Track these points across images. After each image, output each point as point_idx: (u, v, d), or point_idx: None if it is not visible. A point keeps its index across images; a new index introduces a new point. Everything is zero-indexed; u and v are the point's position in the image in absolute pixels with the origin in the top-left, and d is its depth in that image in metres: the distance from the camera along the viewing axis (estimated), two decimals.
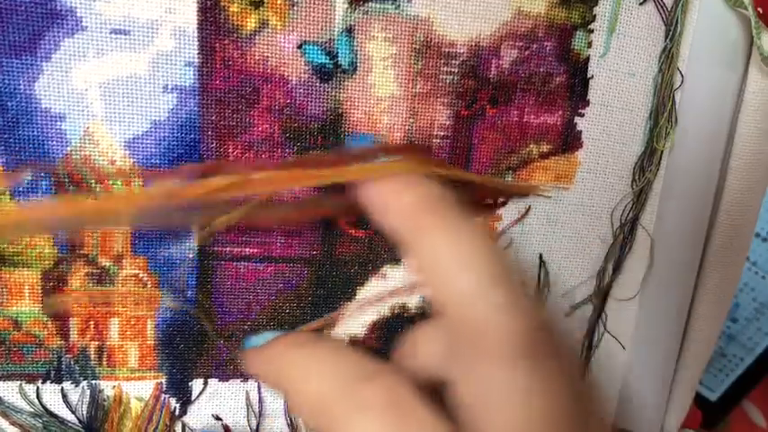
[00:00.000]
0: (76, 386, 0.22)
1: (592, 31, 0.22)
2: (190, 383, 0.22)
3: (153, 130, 0.20)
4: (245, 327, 0.22)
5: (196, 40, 0.19)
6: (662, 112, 0.23)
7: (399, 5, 0.20)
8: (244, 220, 0.18)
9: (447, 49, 0.21)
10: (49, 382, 0.21)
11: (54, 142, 0.19)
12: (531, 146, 0.23)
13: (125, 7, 0.18)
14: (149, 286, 0.21)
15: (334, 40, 0.20)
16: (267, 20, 0.19)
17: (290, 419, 0.24)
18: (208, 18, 0.19)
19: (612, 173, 0.24)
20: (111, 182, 0.20)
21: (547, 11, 0.21)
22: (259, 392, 0.23)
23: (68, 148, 0.19)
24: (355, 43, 0.20)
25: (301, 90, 0.20)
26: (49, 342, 0.21)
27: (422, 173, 0.16)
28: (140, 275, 0.21)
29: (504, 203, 0.23)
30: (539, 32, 0.21)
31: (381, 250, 0.23)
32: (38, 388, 0.21)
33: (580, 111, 0.23)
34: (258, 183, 0.16)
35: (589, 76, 0.22)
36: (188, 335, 0.22)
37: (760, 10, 0.21)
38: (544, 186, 0.23)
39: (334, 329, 0.23)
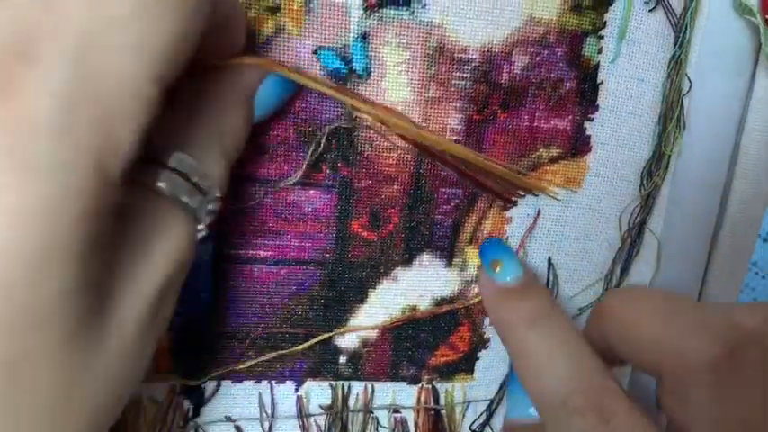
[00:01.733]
0: None
1: (602, 37, 0.22)
2: (203, 385, 0.22)
3: None
4: (259, 329, 0.23)
5: None
6: (670, 118, 0.23)
7: (413, 12, 0.20)
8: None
9: (459, 55, 0.21)
10: None
11: None
12: (541, 150, 0.23)
13: None
14: None
15: (348, 45, 0.20)
16: (283, 25, 0.19)
17: (303, 421, 0.24)
18: None
19: (621, 177, 0.24)
20: None
21: (558, 17, 0.21)
22: (272, 394, 0.23)
23: None
24: (370, 49, 0.20)
25: (316, 95, 0.20)
26: None
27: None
28: None
29: (514, 203, 0.23)
30: (550, 38, 0.21)
31: (393, 253, 0.23)
32: None
33: (590, 116, 0.23)
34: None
35: (599, 81, 0.22)
36: (202, 336, 0.22)
37: None
38: (554, 189, 0.23)
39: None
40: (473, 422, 0.25)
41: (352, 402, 0.24)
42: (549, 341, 0.16)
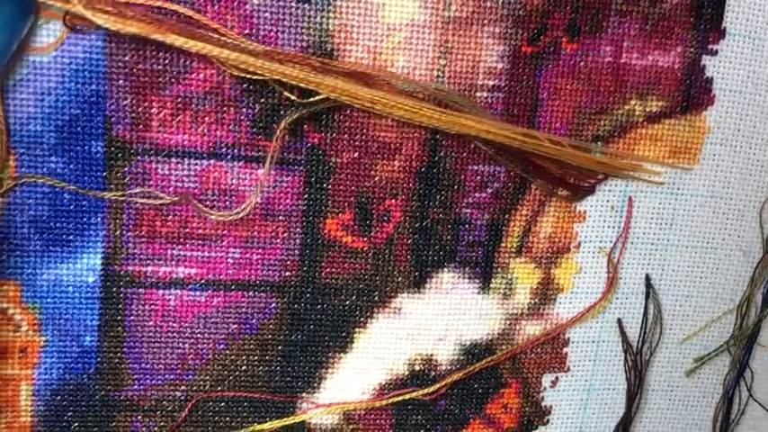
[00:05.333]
0: None
1: None
2: None
3: (34, 74, 0.16)
4: (177, 393, 0.18)
5: None
6: None
7: None
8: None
9: None
10: None
11: None
12: (633, 102, 0.19)
13: None
14: (25, 329, 0.17)
15: None
16: None
17: None
18: None
19: (763, 145, 0.20)
20: None
21: None
22: None
23: None
24: None
25: (267, 14, 0.17)
26: None
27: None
28: (10, 311, 0.17)
29: (589, 190, 0.19)
30: None
31: (394, 270, 0.19)
32: None
33: (710, 46, 0.19)
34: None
35: None
36: (86, 406, 0.18)
37: None
38: (652, 166, 0.20)
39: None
40: None
41: None
42: None
